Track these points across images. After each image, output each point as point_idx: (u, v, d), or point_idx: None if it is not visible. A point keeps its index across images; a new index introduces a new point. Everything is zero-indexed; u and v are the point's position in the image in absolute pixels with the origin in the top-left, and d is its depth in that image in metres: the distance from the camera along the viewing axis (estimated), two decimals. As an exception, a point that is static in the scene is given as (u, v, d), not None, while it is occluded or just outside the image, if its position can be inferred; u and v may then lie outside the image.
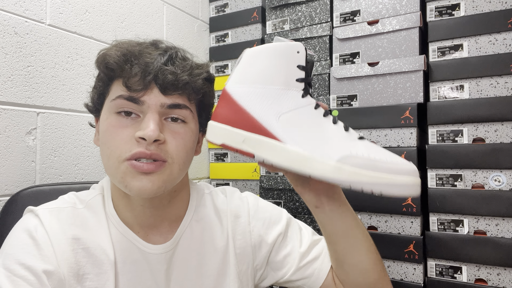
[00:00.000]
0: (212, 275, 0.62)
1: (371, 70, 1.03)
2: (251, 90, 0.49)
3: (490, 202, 0.88)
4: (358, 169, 0.43)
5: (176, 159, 0.55)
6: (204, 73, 0.58)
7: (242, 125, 0.48)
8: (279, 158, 0.46)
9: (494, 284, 0.87)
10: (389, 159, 0.45)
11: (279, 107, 0.48)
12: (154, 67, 0.53)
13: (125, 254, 0.56)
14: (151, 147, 0.52)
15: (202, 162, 1.38)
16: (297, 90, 0.49)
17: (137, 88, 0.52)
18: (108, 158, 0.53)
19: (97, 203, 0.59)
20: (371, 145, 0.47)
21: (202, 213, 0.66)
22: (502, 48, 0.90)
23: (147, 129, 0.51)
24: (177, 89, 0.54)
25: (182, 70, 0.55)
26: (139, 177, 0.52)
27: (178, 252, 0.61)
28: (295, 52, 0.49)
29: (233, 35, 1.35)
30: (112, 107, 0.54)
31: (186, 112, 0.56)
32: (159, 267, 0.58)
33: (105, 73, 0.56)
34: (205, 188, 0.70)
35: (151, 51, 0.55)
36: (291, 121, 0.47)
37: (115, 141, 0.53)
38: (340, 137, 0.47)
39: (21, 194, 0.75)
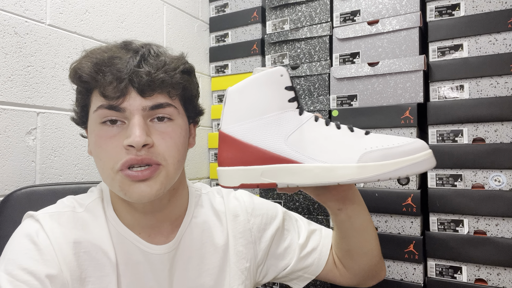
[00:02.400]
0: (213, 274, 0.63)
1: (371, 70, 1.03)
2: (250, 125, 0.50)
3: (490, 202, 0.88)
4: (379, 162, 0.46)
5: (170, 159, 0.54)
6: (180, 66, 0.57)
7: (254, 161, 0.49)
8: (303, 179, 0.47)
9: (494, 284, 0.87)
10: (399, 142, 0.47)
11: (283, 131, 0.49)
12: (127, 71, 0.51)
13: (126, 256, 0.57)
14: (141, 153, 0.51)
15: (202, 162, 1.38)
16: (292, 110, 0.50)
17: (114, 95, 0.51)
18: (103, 169, 0.53)
19: (96, 206, 0.59)
20: (378, 136, 0.49)
21: (200, 213, 0.66)
22: (502, 48, 0.90)
23: (133, 136, 0.50)
24: (154, 88, 0.53)
25: (157, 68, 0.53)
26: (136, 184, 0.52)
27: (180, 251, 0.61)
28: (278, 76, 0.50)
29: (233, 35, 1.35)
30: (95, 118, 0.54)
31: (170, 110, 0.55)
32: (162, 267, 0.58)
33: (81, 86, 0.55)
34: (202, 189, 0.71)
35: (122, 54, 0.54)
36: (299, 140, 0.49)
37: (106, 153, 0.52)
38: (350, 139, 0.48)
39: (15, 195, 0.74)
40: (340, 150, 0.47)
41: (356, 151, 0.47)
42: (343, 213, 0.61)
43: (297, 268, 0.70)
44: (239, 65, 1.32)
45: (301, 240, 0.70)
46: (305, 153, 0.48)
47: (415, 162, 0.45)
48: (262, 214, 0.70)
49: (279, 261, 0.70)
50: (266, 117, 0.49)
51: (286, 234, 0.71)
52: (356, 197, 0.62)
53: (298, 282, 0.72)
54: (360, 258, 0.67)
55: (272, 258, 0.70)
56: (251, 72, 1.30)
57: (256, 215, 0.70)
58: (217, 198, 0.70)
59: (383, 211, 0.99)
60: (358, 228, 0.63)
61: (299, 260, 0.70)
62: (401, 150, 0.46)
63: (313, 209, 1.12)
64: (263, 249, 0.69)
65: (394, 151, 0.46)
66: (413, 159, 0.46)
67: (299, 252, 0.69)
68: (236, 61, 1.33)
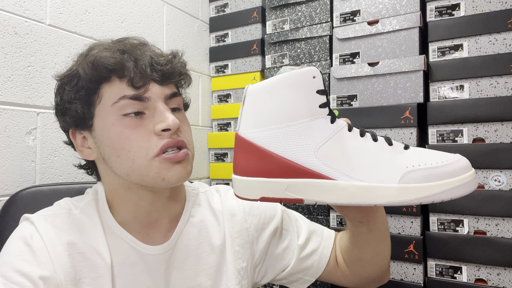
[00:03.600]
0: (210, 274, 0.62)
1: (371, 70, 1.03)
2: (275, 132, 0.44)
3: (490, 202, 0.88)
4: (421, 184, 0.41)
5: (191, 143, 0.58)
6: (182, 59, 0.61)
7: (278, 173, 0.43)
8: (335, 197, 0.42)
9: (494, 284, 0.87)
10: (443, 160, 0.43)
11: (313, 141, 0.43)
12: (147, 60, 0.54)
13: (122, 256, 0.57)
14: (174, 136, 0.54)
15: (202, 162, 1.38)
16: (323, 117, 0.44)
17: (139, 84, 0.53)
18: (133, 161, 0.53)
19: (91, 207, 0.59)
20: (419, 151, 0.45)
21: (198, 212, 0.66)
22: (502, 48, 0.90)
23: (167, 120, 0.52)
24: (173, 77, 0.56)
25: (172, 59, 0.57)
26: (174, 167, 0.53)
27: (176, 251, 0.61)
28: (311, 78, 0.44)
29: (233, 35, 1.35)
30: (115, 110, 0.53)
31: (180, 100, 0.59)
32: (157, 267, 0.58)
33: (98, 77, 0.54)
34: (200, 188, 0.71)
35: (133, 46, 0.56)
36: (331, 152, 0.43)
37: (136, 142, 0.52)
38: (389, 154, 0.43)
39: (20, 194, 0.75)
40: (378, 167, 0.42)
41: (396, 170, 0.42)
42: (364, 226, 0.58)
43: (296, 269, 0.69)
44: (239, 65, 1.32)
45: (301, 241, 0.69)
46: (338, 168, 0.42)
47: (460, 185, 0.41)
48: (260, 213, 0.69)
49: (277, 262, 0.69)
50: (294, 124, 0.43)
51: (285, 234, 0.70)
52: (381, 210, 0.58)
53: (298, 284, 0.71)
54: (370, 267, 0.65)
55: (270, 258, 0.69)
56: (251, 72, 1.30)
57: (254, 215, 0.69)
58: (215, 196, 0.70)
59: (383, 211, 0.99)
60: (376, 241, 0.60)
61: (299, 262, 0.68)
62: (445, 170, 0.41)
63: (313, 209, 1.12)
64: (261, 249, 0.68)
65: (439, 172, 0.41)
66: (458, 181, 0.41)
67: (299, 253, 0.68)
68: (236, 61, 1.33)
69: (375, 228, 0.59)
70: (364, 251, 0.63)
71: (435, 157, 0.43)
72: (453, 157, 0.43)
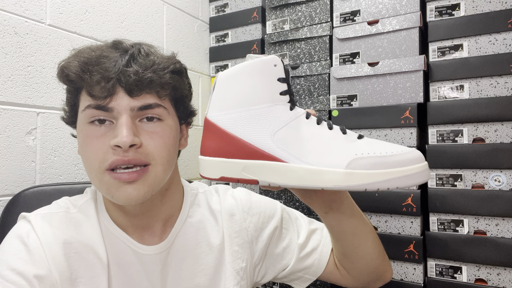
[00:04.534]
0: (208, 274, 0.62)
1: (371, 70, 1.03)
2: (236, 115, 0.47)
3: (490, 202, 0.88)
4: (368, 170, 0.42)
5: (159, 160, 0.53)
6: (170, 66, 0.56)
7: (237, 154, 0.46)
8: (286, 179, 0.44)
9: (494, 284, 0.87)
10: (394, 150, 0.43)
11: (271, 125, 0.46)
12: (115, 70, 0.51)
13: (119, 256, 0.56)
14: (128, 154, 0.50)
15: (202, 162, 1.38)
16: (283, 104, 0.47)
17: (102, 95, 0.51)
18: (90, 170, 0.53)
19: (89, 207, 0.59)
20: (372, 141, 0.46)
21: (196, 212, 0.65)
22: (502, 48, 0.90)
23: (120, 136, 0.49)
24: (142, 88, 0.52)
25: (145, 68, 0.52)
26: (123, 187, 0.51)
27: (173, 252, 0.60)
28: (272, 66, 0.47)
29: (233, 35, 1.35)
30: (83, 118, 0.53)
31: (159, 110, 0.54)
32: (154, 267, 0.58)
33: (68, 85, 0.55)
34: (199, 188, 0.70)
35: (111, 53, 0.53)
36: (286, 137, 0.45)
37: (93, 153, 0.52)
38: (341, 142, 0.45)
39: (23, 194, 0.75)
40: (328, 153, 0.44)
41: (345, 156, 0.43)
42: (331, 217, 0.58)
43: (296, 268, 0.68)
44: (239, 65, 1.32)
45: (301, 240, 0.68)
46: (292, 152, 0.44)
47: (407, 175, 0.42)
48: (259, 212, 0.69)
49: (277, 261, 0.69)
50: (254, 109, 0.46)
51: (284, 233, 0.69)
52: (345, 200, 0.57)
53: (299, 283, 0.71)
54: (356, 261, 0.64)
55: (270, 258, 0.69)
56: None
57: (253, 214, 0.68)
58: (214, 197, 0.69)
59: (383, 211, 0.99)
60: (349, 232, 0.60)
61: (299, 261, 0.68)
62: (394, 160, 0.42)
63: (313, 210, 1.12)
64: (260, 248, 0.67)
65: (386, 160, 0.42)
66: (406, 171, 0.42)
67: (299, 252, 0.68)
68: (236, 61, 1.33)
69: (344, 219, 0.58)
70: (343, 245, 0.62)
71: (386, 147, 0.44)
72: (405, 149, 0.44)
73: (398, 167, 0.42)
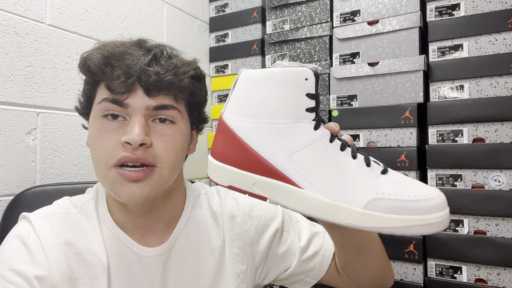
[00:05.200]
0: (208, 277, 0.62)
1: (371, 70, 1.03)
2: (255, 125, 0.42)
3: (490, 202, 0.88)
4: (387, 214, 0.39)
5: (166, 163, 0.53)
6: (190, 71, 0.56)
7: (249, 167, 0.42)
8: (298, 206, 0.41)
9: (494, 284, 0.87)
10: (418, 194, 0.40)
11: (290, 144, 0.42)
12: (137, 68, 0.51)
13: (119, 257, 0.56)
14: (137, 152, 0.50)
15: (202, 162, 1.38)
16: (308, 121, 0.42)
17: (120, 90, 0.51)
18: (97, 163, 0.53)
19: (90, 207, 0.58)
20: (396, 178, 0.42)
21: (198, 214, 0.65)
22: (502, 48, 0.90)
23: (132, 133, 0.50)
24: (161, 89, 0.52)
25: (166, 70, 0.53)
26: (128, 185, 0.51)
27: (174, 253, 0.60)
28: (303, 80, 0.42)
29: (233, 35, 1.35)
30: (98, 110, 0.54)
31: (174, 113, 0.55)
32: (154, 269, 0.58)
33: (88, 76, 0.55)
34: (201, 189, 0.70)
35: (134, 51, 0.54)
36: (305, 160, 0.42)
37: (102, 146, 0.52)
38: (362, 176, 0.41)
39: (24, 194, 0.75)
40: (348, 188, 0.40)
41: (364, 194, 0.40)
42: (336, 232, 0.56)
43: (298, 271, 0.67)
44: (239, 65, 1.32)
45: (302, 243, 0.67)
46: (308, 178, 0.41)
47: (427, 224, 0.39)
48: (260, 215, 0.68)
49: (279, 263, 0.68)
50: (276, 123, 0.42)
51: (286, 236, 0.68)
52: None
53: (300, 285, 0.70)
54: (359, 271, 0.63)
55: (271, 260, 0.68)
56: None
57: (254, 216, 0.67)
58: (215, 198, 0.69)
59: (383, 211, 0.99)
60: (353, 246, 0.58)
61: (300, 264, 0.67)
62: (416, 206, 0.39)
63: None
64: (261, 251, 0.67)
65: (408, 206, 0.39)
66: (426, 219, 0.39)
67: (300, 256, 0.67)
68: (236, 61, 1.33)
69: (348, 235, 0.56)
70: (346, 256, 0.61)
71: (410, 189, 0.40)
72: (430, 194, 0.40)
73: (419, 215, 0.39)
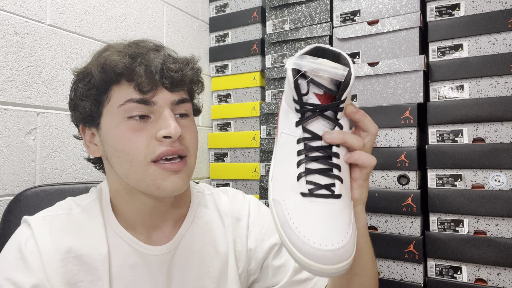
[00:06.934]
0: (213, 277, 0.62)
1: (371, 70, 1.03)
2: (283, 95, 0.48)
3: (490, 202, 0.88)
4: (277, 220, 0.41)
5: (193, 152, 0.57)
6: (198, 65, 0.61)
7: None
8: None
9: (494, 284, 0.87)
10: (308, 234, 0.38)
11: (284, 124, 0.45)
12: (158, 66, 0.53)
13: (122, 258, 0.56)
14: (175, 144, 0.53)
15: (202, 162, 1.38)
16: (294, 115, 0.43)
17: (146, 89, 0.53)
18: (131, 164, 0.53)
19: (94, 207, 0.58)
20: (306, 208, 0.40)
21: (204, 213, 0.65)
22: (502, 48, 0.90)
23: (170, 127, 0.52)
24: (183, 85, 0.56)
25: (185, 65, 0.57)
26: (170, 177, 0.53)
27: (180, 253, 0.60)
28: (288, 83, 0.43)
29: (233, 35, 1.35)
30: (121, 112, 0.53)
31: (189, 106, 0.59)
32: (159, 268, 0.58)
33: (107, 79, 0.54)
34: (206, 189, 0.70)
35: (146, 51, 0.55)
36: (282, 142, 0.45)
37: (136, 145, 0.52)
38: (291, 182, 0.42)
39: (24, 194, 0.75)
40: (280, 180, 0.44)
41: (278, 194, 0.43)
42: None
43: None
44: (239, 65, 1.32)
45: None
46: (276, 155, 0.45)
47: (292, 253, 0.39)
48: (263, 224, 0.67)
49: (270, 276, 0.67)
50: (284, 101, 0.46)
51: (283, 252, 0.67)
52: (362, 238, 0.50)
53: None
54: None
55: (264, 271, 0.67)
56: (251, 72, 1.30)
57: (257, 224, 0.67)
58: (223, 198, 0.69)
59: (383, 211, 0.99)
60: (349, 277, 0.54)
61: (289, 284, 0.64)
62: (293, 234, 0.40)
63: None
64: (257, 259, 0.66)
65: (288, 228, 0.41)
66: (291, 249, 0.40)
67: (292, 275, 0.64)
68: (236, 61, 1.33)
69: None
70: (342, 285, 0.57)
71: (309, 226, 0.40)
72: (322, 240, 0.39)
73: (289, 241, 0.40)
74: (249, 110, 1.29)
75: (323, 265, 0.38)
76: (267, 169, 1.21)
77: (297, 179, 0.42)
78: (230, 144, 1.33)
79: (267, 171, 1.21)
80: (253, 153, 1.28)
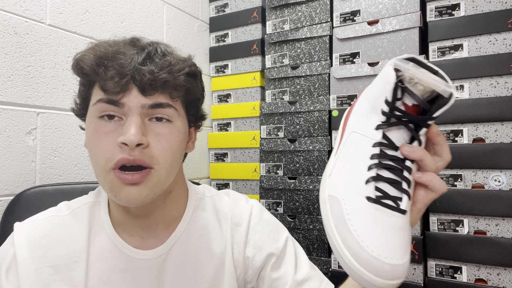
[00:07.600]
0: (207, 282, 0.60)
1: (371, 70, 1.03)
2: (362, 95, 0.48)
3: (490, 202, 0.88)
4: (331, 217, 0.41)
5: (163, 163, 0.52)
6: (185, 68, 0.55)
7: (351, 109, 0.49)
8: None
9: (494, 284, 0.87)
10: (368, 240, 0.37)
11: (357, 124, 0.45)
12: (130, 67, 0.50)
13: (113, 263, 0.55)
14: (134, 153, 0.49)
15: (202, 162, 1.38)
16: (377, 117, 0.43)
17: (114, 90, 0.50)
18: (96, 166, 0.52)
19: (83, 211, 0.58)
20: (370, 214, 0.39)
21: (201, 217, 0.63)
22: (502, 48, 0.90)
23: (128, 134, 0.49)
24: (156, 88, 0.51)
25: (161, 68, 0.52)
26: (126, 188, 0.50)
27: (172, 256, 0.58)
28: (386, 82, 0.41)
29: (233, 35, 1.35)
30: (94, 111, 0.53)
31: (170, 111, 0.54)
32: (149, 273, 0.56)
33: (82, 78, 0.54)
34: (206, 191, 0.68)
35: (127, 50, 0.53)
36: (352, 142, 0.44)
37: (100, 149, 0.51)
38: (357, 184, 0.41)
39: (24, 194, 0.75)
40: (345, 179, 0.43)
41: (336, 190, 0.43)
42: None
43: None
44: (239, 65, 1.32)
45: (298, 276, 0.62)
46: (339, 153, 0.46)
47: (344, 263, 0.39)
48: (263, 232, 0.65)
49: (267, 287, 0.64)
50: (364, 102, 0.47)
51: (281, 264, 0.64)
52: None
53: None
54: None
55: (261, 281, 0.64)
56: (251, 72, 1.30)
57: (256, 231, 0.64)
58: (224, 199, 0.67)
59: (383, 211, 0.99)
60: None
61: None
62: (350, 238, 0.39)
63: (313, 209, 1.12)
64: (255, 267, 0.63)
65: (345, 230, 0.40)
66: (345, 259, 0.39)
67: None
68: (236, 61, 1.33)
69: None
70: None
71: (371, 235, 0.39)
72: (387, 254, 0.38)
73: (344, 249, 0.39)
74: (249, 110, 1.29)
75: (376, 277, 0.36)
76: (267, 169, 1.21)
77: (365, 182, 0.41)
78: (230, 144, 1.33)
79: (267, 171, 1.21)
80: (253, 153, 1.28)
